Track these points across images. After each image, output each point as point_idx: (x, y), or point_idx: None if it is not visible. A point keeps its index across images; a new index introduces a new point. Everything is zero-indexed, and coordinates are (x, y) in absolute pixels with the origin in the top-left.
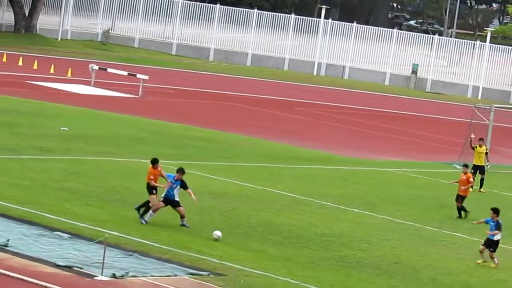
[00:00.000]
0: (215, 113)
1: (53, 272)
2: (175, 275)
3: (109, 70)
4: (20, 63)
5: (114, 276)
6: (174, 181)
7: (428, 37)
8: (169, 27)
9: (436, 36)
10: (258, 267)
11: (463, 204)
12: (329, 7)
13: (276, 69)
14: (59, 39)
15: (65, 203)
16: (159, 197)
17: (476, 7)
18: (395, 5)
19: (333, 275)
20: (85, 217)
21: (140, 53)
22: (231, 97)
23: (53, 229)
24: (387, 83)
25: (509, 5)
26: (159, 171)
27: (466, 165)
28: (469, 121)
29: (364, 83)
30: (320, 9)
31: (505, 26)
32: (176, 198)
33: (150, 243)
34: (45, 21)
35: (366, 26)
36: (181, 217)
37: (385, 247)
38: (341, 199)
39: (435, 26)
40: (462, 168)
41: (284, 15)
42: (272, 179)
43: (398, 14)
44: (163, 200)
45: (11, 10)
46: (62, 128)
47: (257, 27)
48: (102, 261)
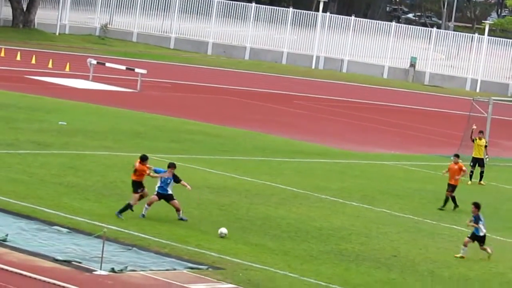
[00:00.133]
0: (214, 107)
1: (52, 266)
2: (174, 269)
3: (107, 64)
4: (18, 58)
5: (113, 270)
6: (166, 177)
7: (426, 30)
8: (167, 21)
9: (434, 29)
10: (256, 261)
11: (453, 194)
12: (327, 1)
13: (274, 62)
14: (57, 34)
15: (64, 198)
16: (151, 194)
17: (474, 0)
18: None
19: (332, 269)
20: (83, 212)
21: (138, 47)
22: (229, 91)
23: (51, 224)
24: (385, 76)
25: None
26: (147, 168)
27: (457, 155)
28: (468, 114)
29: (362, 76)
30: (318, 2)
31: (503, 19)
32: (169, 191)
33: (148, 237)
34: (43, 16)
35: (364, 19)
36: (176, 210)
37: (384, 240)
38: (339, 192)
39: (433, 19)
40: (452, 158)
41: (282, 8)
42: (270, 172)
43: (396, 7)
44: (157, 194)
45: (9, 5)
46: (60, 122)
47: (255, 21)
48: (101, 256)
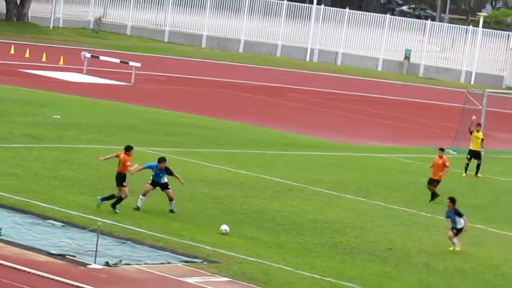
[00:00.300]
0: (208, 100)
1: (46, 260)
2: (169, 263)
3: (101, 57)
4: (12, 52)
5: (107, 264)
6: (157, 171)
7: (420, 22)
8: (161, 14)
9: (428, 21)
10: (251, 254)
11: (435, 189)
12: None
13: (268, 55)
14: (51, 27)
15: (58, 191)
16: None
17: None
18: None
19: (326, 262)
20: (78, 205)
21: (132, 41)
22: (223, 84)
23: (46, 218)
24: (380, 68)
25: None
26: (129, 159)
27: (442, 149)
28: (462, 106)
29: (356, 69)
30: None
31: (498, 11)
32: (164, 180)
33: (143, 230)
34: (36, 9)
35: (358, 11)
36: (169, 199)
37: (379, 233)
38: (334, 185)
39: (428, 11)
40: (438, 151)
41: (276, 1)
42: (265, 165)
43: None
44: (151, 183)
45: None
46: (54, 116)
47: (250, 14)
48: (95, 249)
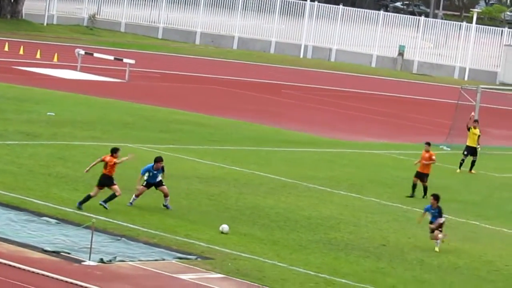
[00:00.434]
0: (202, 96)
1: (41, 257)
2: (163, 259)
3: (96, 54)
4: (6, 49)
5: (101, 261)
6: (154, 171)
7: (414, 18)
8: (155, 11)
9: (422, 17)
10: (245, 251)
11: (426, 183)
12: None
13: (262, 52)
14: (45, 24)
15: (53, 188)
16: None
17: None
18: None
19: (321, 258)
20: (72, 202)
21: (126, 38)
22: (218, 81)
23: (40, 215)
24: (373, 65)
25: None
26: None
27: (428, 143)
28: (456, 102)
29: (350, 65)
30: None
31: (491, 7)
32: (158, 179)
33: (137, 227)
34: (30, 6)
35: (352, 8)
36: (164, 196)
37: (373, 229)
38: (328, 181)
39: (422, 7)
40: (424, 145)
41: None
42: (259, 162)
43: None
44: (145, 185)
45: None
46: (49, 113)
47: (243, 10)
48: (89, 246)
